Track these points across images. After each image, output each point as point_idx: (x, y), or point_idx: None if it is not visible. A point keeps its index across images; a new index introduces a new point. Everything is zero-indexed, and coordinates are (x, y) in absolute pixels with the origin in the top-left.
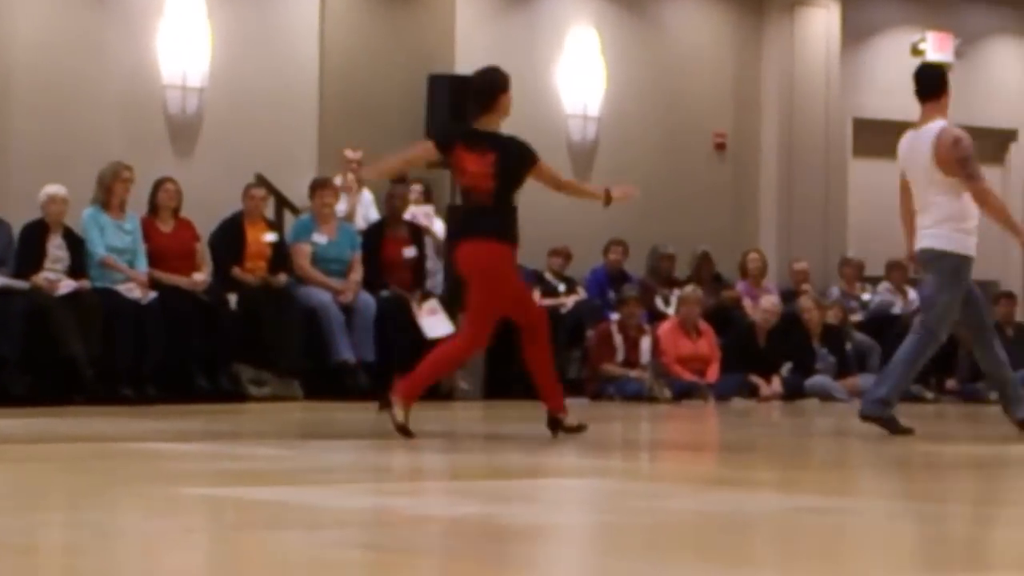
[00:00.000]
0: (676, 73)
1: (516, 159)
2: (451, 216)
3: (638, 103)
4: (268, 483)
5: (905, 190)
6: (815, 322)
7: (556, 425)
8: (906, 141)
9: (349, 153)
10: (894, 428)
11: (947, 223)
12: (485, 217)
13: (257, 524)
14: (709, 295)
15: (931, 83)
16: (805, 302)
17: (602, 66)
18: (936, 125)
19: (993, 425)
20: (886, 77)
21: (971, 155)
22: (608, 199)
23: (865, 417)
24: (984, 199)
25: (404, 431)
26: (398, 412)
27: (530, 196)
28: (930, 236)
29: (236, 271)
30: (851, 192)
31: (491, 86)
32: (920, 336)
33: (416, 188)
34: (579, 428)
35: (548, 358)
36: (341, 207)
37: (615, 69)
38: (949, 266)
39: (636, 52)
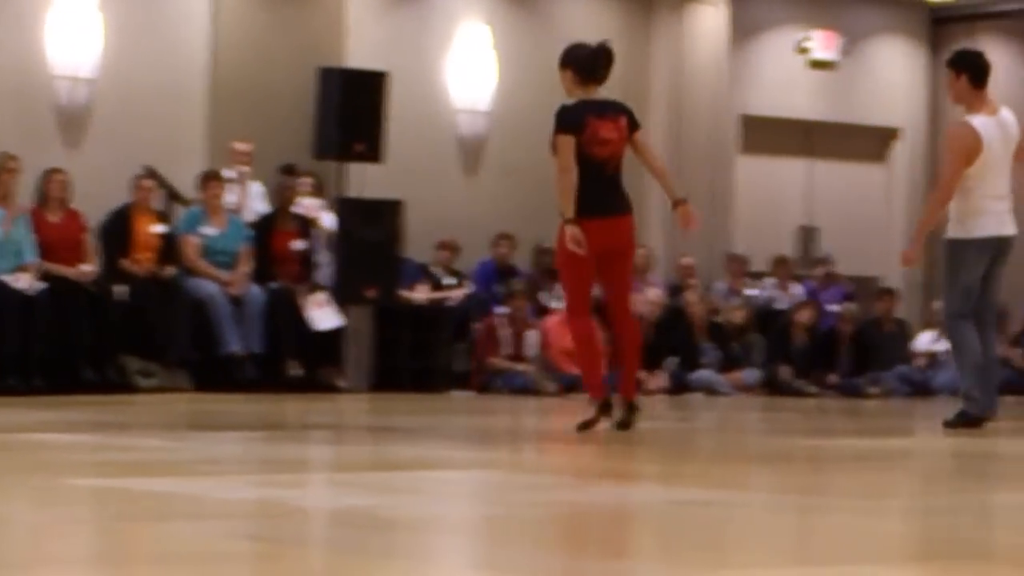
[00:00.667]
0: None
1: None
2: (341, 208)
3: (528, 98)
4: (155, 474)
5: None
6: (699, 316)
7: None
8: (992, 127)
9: (238, 146)
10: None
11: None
12: (621, 190)
13: (143, 515)
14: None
15: (986, 71)
16: (690, 296)
17: (493, 61)
18: (1008, 113)
19: (873, 419)
20: (773, 75)
21: None
22: (676, 205)
23: None
24: None
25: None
26: (616, 413)
27: (418, 190)
28: (1012, 221)
29: (124, 262)
30: (737, 188)
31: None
32: None
33: (306, 181)
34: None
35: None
36: (230, 199)
37: (506, 64)
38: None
39: (527, 48)
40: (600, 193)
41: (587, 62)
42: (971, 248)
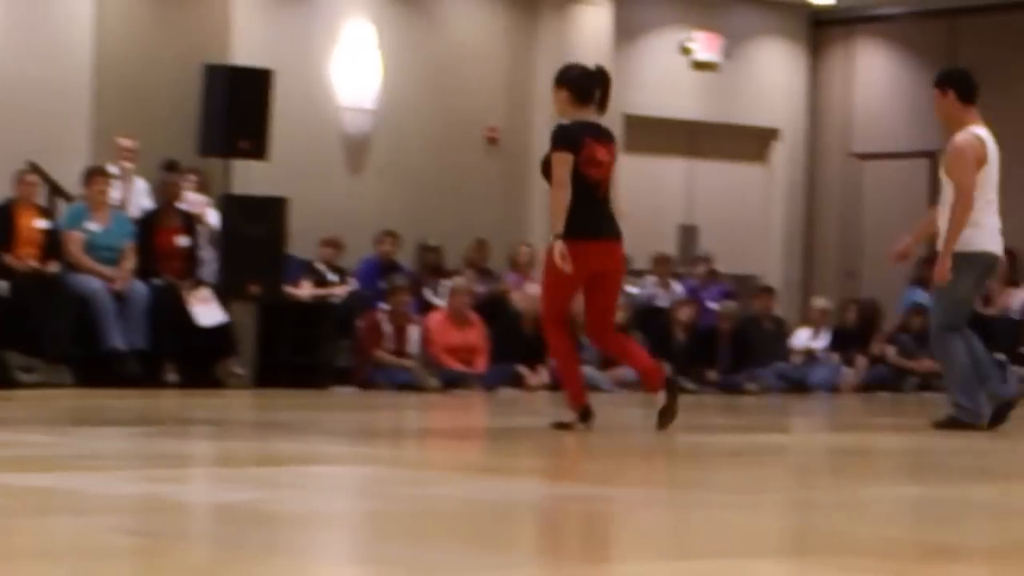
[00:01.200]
0: (451, 68)
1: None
2: (226, 205)
3: (413, 97)
4: (36, 469)
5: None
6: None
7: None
8: (991, 140)
9: (123, 141)
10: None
11: None
12: (611, 214)
13: (25, 510)
14: (482, 284)
15: (975, 86)
16: None
17: (378, 60)
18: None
19: (750, 415)
20: (656, 75)
21: None
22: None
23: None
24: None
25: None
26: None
27: (303, 187)
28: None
29: (7, 258)
30: (620, 187)
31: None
32: None
33: (191, 178)
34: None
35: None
36: (115, 195)
37: (391, 63)
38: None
39: (412, 47)
40: (593, 215)
41: (583, 82)
42: (967, 261)
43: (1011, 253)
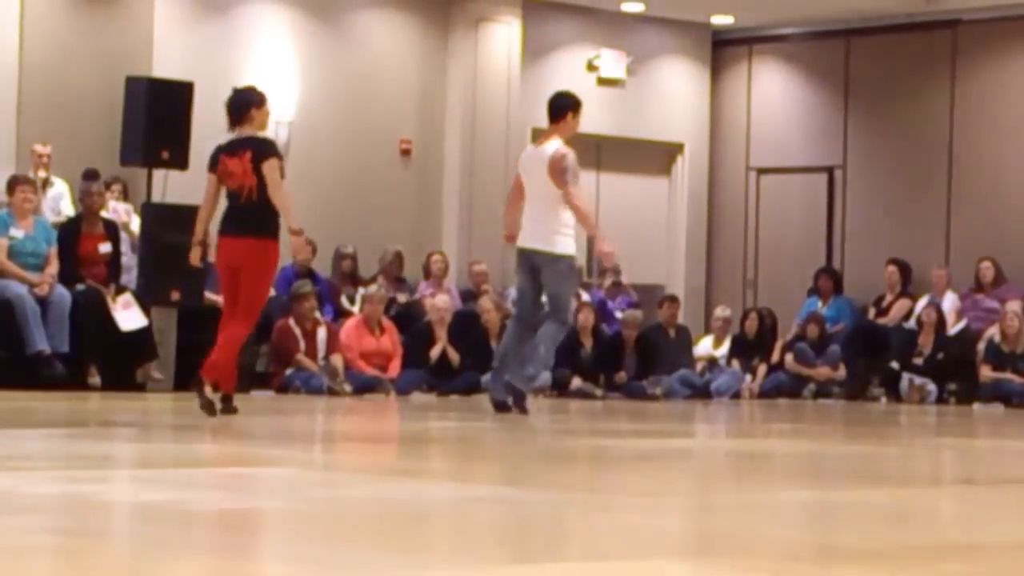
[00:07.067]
0: (365, 82)
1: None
2: (147, 213)
3: (328, 109)
4: None
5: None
6: (493, 322)
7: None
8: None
9: (38, 147)
10: (524, 407)
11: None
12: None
13: None
14: (393, 291)
15: (555, 109)
16: (485, 303)
17: (294, 73)
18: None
19: (655, 421)
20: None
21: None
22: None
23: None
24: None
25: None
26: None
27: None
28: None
29: None
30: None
31: (245, 102)
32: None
33: (116, 188)
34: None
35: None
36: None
37: (306, 76)
38: (566, 266)
39: (327, 60)
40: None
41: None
42: None
43: (906, 264)
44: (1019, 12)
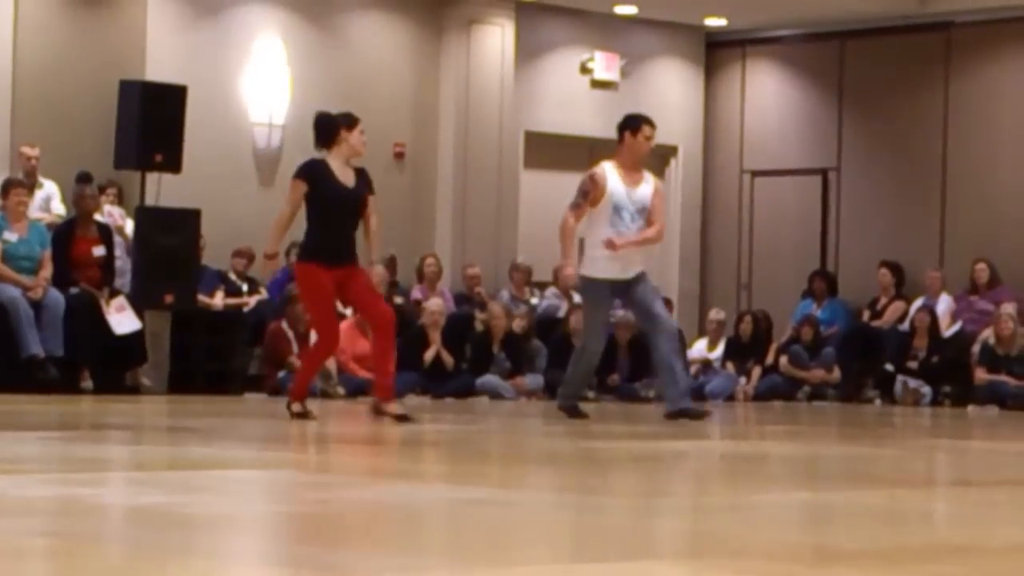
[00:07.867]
0: (359, 84)
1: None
2: (140, 217)
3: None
4: None
5: None
6: (500, 328)
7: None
8: None
9: (26, 150)
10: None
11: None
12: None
13: None
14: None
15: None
16: (495, 308)
17: (287, 76)
18: None
19: (648, 422)
20: (556, 93)
21: None
22: None
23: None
24: None
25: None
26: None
27: (215, 199)
28: None
29: None
30: (521, 201)
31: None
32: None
33: (110, 191)
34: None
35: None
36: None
37: (300, 79)
38: (583, 286)
39: (321, 63)
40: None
41: None
42: None
43: (899, 267)
44: (1012, 14)
